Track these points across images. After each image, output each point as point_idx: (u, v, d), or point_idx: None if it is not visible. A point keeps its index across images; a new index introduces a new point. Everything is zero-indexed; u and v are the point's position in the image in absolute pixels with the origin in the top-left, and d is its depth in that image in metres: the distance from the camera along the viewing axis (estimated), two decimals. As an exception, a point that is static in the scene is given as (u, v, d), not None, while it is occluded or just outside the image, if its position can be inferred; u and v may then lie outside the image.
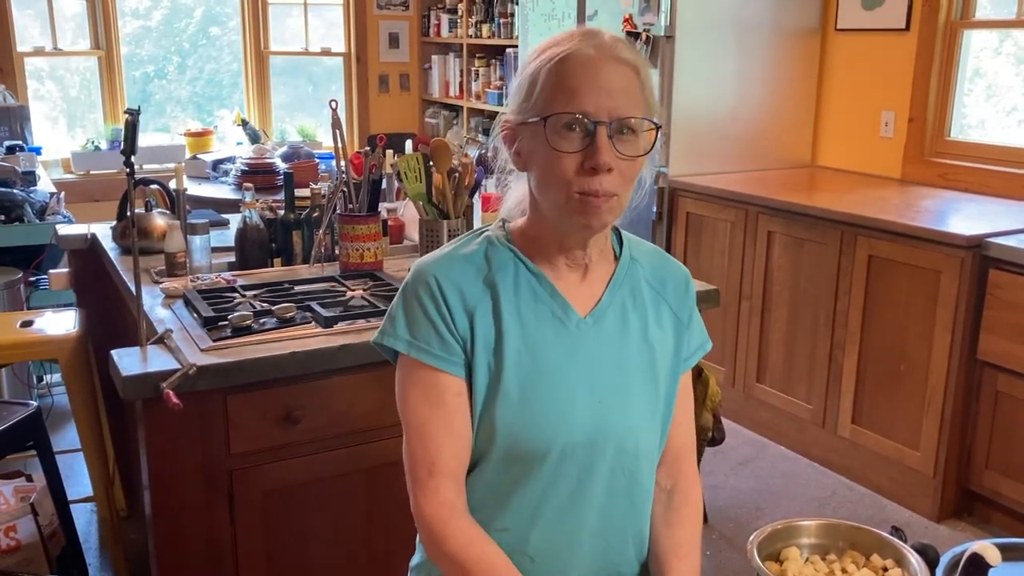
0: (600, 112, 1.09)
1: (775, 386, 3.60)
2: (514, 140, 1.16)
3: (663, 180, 3.92)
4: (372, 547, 1.96)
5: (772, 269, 3.55)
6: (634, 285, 1.22)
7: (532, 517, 1.15)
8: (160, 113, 5.74)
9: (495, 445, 1.12)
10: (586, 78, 1.09)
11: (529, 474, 1.13)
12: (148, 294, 2.11)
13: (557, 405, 1.13)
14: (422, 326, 1.13)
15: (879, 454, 3.21)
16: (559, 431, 1.12)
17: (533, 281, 1.16)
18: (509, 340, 1.12)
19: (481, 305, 1.13)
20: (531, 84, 1.12)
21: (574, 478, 1.14)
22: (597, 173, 1.09)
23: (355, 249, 2.24)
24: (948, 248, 2.90)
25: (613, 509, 1.19)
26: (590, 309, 1.18)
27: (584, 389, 1.14)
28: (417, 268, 1.17)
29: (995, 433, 2.92)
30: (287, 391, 1.81)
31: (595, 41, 1.11)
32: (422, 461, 1.12)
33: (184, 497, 1.77)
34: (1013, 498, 2.88)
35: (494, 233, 1.20)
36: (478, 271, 1.15)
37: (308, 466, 1.88)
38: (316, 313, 1.94)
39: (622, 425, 1.17)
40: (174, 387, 1.64)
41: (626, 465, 1.18)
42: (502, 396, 1.11)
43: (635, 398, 1.18)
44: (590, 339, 1.16)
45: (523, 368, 1.12)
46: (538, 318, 1.14)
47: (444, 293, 1.12)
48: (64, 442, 3.39)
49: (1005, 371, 2.85)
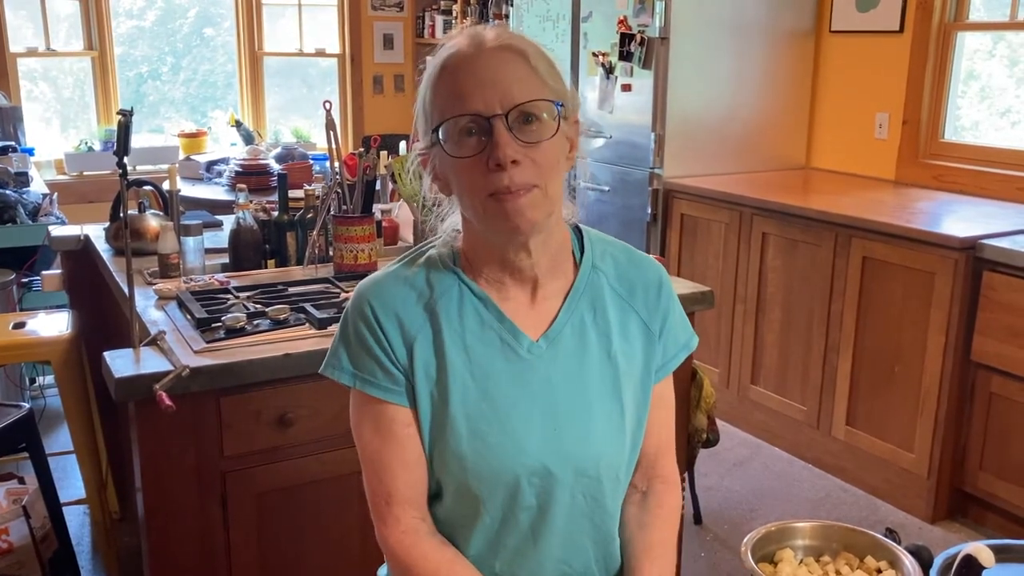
0: (491, 106, 1.02)
1: (769, 387, 3.60)
2: (431, 167, 1.11)
3: (657, 182, 3.92)
4: (366, 550, 1.95)
5: (766, 271, 3.56)
6: (595, 296, 1.14)
7: (493, 547, 1.11)
8: (154, 114, 5.73)
9: (448, 476, 1.09)
10: (469, 76, 1.03)
11: (486, 505, 1.09)
12: (141, 295, 2.10)
13: (509, 436, 1.07)
14: (364, 357, 1.09)
15: (873, 455, 3.21)
16: (512, 463, 1.07)
17: (479, 305, 1.10)
18: (454, 371, 1.07)
19: (421, 335, 1.08)
20: (425, 103, 1.08)
21: (534, 507, 1.10)
22: (503, 169, 1.02)
23: (349, 250, 2.23)
24: (942, 250, 2.90)
25: (576, 534, 1.14)
26: (543, 331, 1.11)
27: (537, 417, 1.09)
28: (357, 292, 1.12)
29: (989, 435, 2.92)
30: (281, 393, 1.80)
31: (475, 40, 1.06)
32: (379, 493, 1.10)
33: (177, 499, 1.77)
34: (1007, 499, 2.89)
35: (438, 252, 1.14)
36: (419, 296, 1.09)
37: (302, 468, 1.87)
38: (310, 315, 1.93)
39: (581, 451, 1.10)
40: (167, 389, 1.64)
41: (588, 489, 1.12)
42: (449, 429, 1.07)
43: (596, 420, 1.12)
44: (543, 364, 1.10)
45: (470, 400, 1.07)
46: (485, 346, 1.09)
47: (380, 322, 1.08)
48: (57, 444, 3.38)
49: (999, 373, 2.85)
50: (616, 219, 4.08)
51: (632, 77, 3.92)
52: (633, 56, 3.88)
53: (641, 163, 3.94)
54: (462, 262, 1.12)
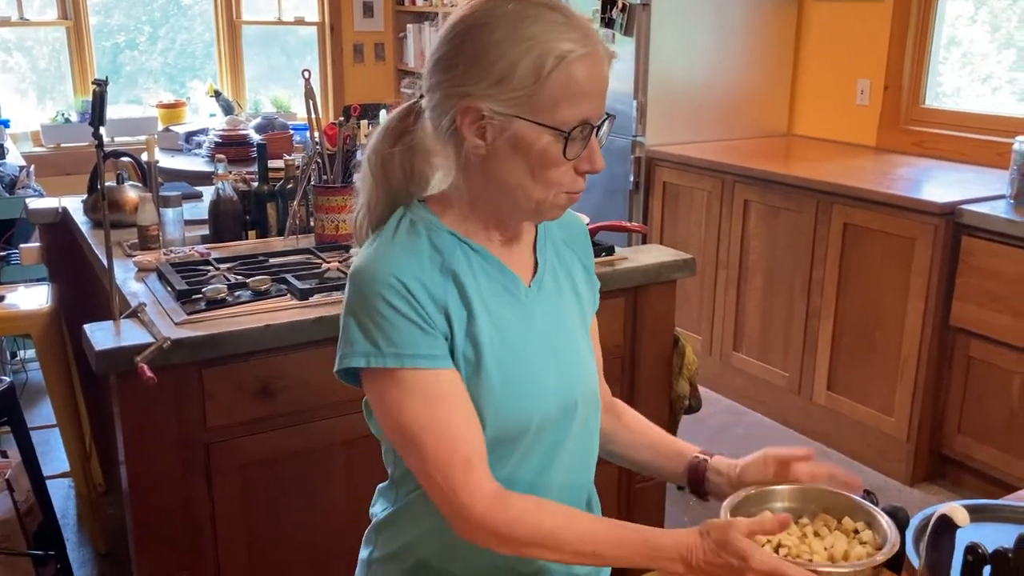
0: (600, 115, 1.06)
1: (751, 354, 3.63)
2: (480, 130, 1.04)
3: (640, 150, 3.91)
4: (353, 520, 1.96)
5: (748, 238, 3.57)
6: (554, 244, 1.22)
7: (509, 486, 1.10)
8: (132, 85, 5.65)
9: (483, 432, 1.08)
10: (595, 82, 1.04)
11: (511, 450, 1.11)
12: (121, 268, 2.09)
13: (533, 380, 1.11)
14: (403, 333, 1.04)
15: (854, 420, 3.25)
16: (539, 404, 1.11)
17: (479, 260, 1.11)
18: (482, 326, 1.08)
19: (450, 297, 1.07)
20: (525, 74, 1.01)
21: (550, 442, 1.14)
22: (589, 173, 1.08)
23: (330, 221, 2.22)
24: (922, 216, 2.92)
25: (579, 461, 1.20)
26: (531, 277, 1.16)
27: (547, 359, 1.13)
28: (367, 274, 1.06)
29: (967, 398, 2.96)
30: (263, 364, 1.80)
31: (594, 36, 1.05)
32: (454, 464, 1.04)
33: (161, 471, 1.77)
34: (984, 461, 2.93)
35: (422, 218, 1.11)
36: (432, 261, 1.08)
37: (286, 439, 1.87)
38: (291, 286, 1.93)
39: (582, 384, 1.17)
40: (148, 361, 1.63)
41: (588, 418, 1.19)
42: (485, 383, 1.08)
43: (584, 355, 1.19)
44: (539, 307, 1.15)
45: (496, 350, 1.09)
46: (495, 296, 1.11)
47: (412, 292, 1.04)
48: (40, 418, 3.37)
49: (977, 337, 2.89)
50: (598, 188, 4.07)
51: (614, 44, 3.90)
52: (615, 23, 3.85)
53: (623, 131, 3.93)
54: (448, 222, 1.12)
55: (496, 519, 1.04)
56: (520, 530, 1.05)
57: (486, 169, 1.07)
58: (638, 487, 2.35)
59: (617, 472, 2.26)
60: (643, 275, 2.23)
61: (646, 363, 2.31)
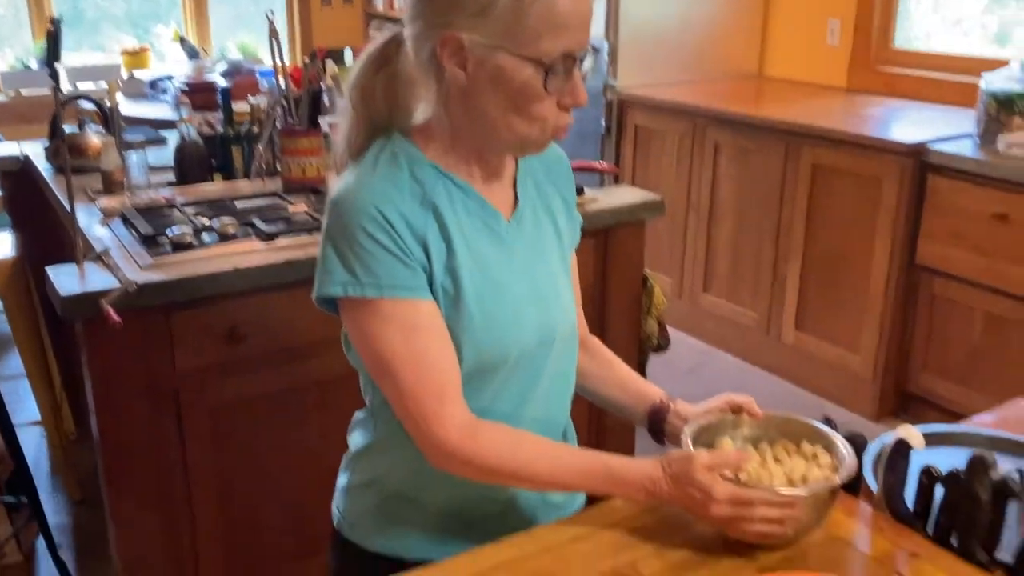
0: (583, 48, 1.04)
1: (721, 295, 3.66)
2: (461, 60, 1.03)
3: (611, 93, 3.89)
4: (326, 461, 1.97)
5: (719, 180, 3.57)
6: (534, 179, 1.21)
7: (484, 417, 1.12)
8: (94, 31, 5.51)
9: (461, 364, 1.09)
10: (578, 13, 1.02)
11: (487, 383, 1.13)
12: (85, 213, 2.06)
13: (513, 315, 1.12)
14: (383, 262, 1.04)
15: (821, 359, 3.30)
16: (518, 339, 1.12)
17: (460, 194, 1.11)
18: (462, 260, 1.09)
19: (429, 230, 1.07)
20: (506, 4, 1.00)
21: (526, 375, 1.16)
22: (573, 107, 1.06)
23: (296, 164, 2.20)
24: (889, 155, 2.94)
25: (555, 394, 1.22)
26: (511, 212, 1.16)
27: (527, 293, 1.14)
28: (347, 203, 1.06)
29: (932, 336, 3.01)
30: (231, 307, 1.80)
31: None
32: (429, 394, 1.05)
33: (131, 417, 1.77)
34: (946, 397, 2.99)
35: (403, 149, 1.10)
36: (412, 193, 1.08)
37: (256, 382, 1.88)
38: (258, 229, 1.91)
39: (561, 319, 1.18)
40: (114, 305, 1.62)
41: (565, 352, 1.21)
42: (464, 315, 1.08)
43: (563, 290, 1.20)
44: (519, 242, 1.15)
45: (476, 283, 1.09)
46: (476, 231, 1.11)
47: (391, 223, 1.04)
48: (8, 368, 3.35)
49: (941, 275, 2.92)
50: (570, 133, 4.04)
51: (584, -15, 3.84)
52: (585, -37, 3.80)
53: (594, 74, 3.90)
54: (429, 155, 1.11)
55: (466, 448, 1.06)
56: (490, 459, 1.07)
57: (467, 102, 1.06)
58: (609, 423, 2.38)
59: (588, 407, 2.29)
60: (613, 216, 2.23)
61: (616, 303, 2.33)
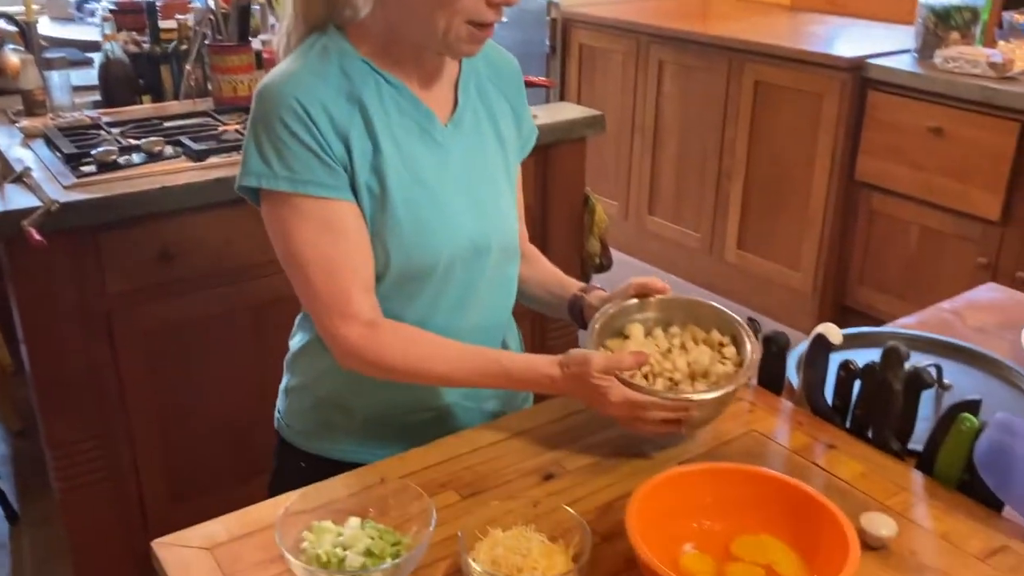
0: None
1: (666, 217, 3.68)
2: None
3: (555, 11, 3.83)
4: (265, 382, 1.97)
5: (663, 100, 3.56)
6: (478, 82, 1.18)
7: (423, 325, 1.14)
8: (15, -50, 5.27)
9: (389, 267, 1.09)
10: None
11: (420, 288, 1.13)
12: (5, 134, 1.99)
13: (444, 219, 1.11)
14: (299, 156, 1.03)
15: (762, 276, 3.35)
16: (450, 243, 1.11)
17: (394, 93, 1.09)
18: (389, 160, 1.07)
19: (353, 126, 1.05)
20: None
21: (463, 283, 1.15)
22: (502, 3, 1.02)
23: (227, 82, 2.14)
24: (830, 71, 2.94)
25: (494, 303, 1.22)
26: (448, 115, 1.14)
27: (461, 199, 1.13)
28: (270, 92, 1.04)
29: (869, 250, 3.07)
30: (161, 227, 1.76)
31: None
32: (335, 294, 1.05)
33: (62, 340, 1.74)
34: (883, 310, 3.06)
35: (336, 44, 1.08)
36: (338, 88, 1.06)
37: (189, 305, 1.85)
38: (187, 147, 1.87)
39: (500, 227, 1.17)
40: (37, 225, 1.57)
41: (504, 261, 1.20)
42: (390, 218, 1.07)
43: (503, 197, 1.19)
44: (456, 146, 1.14)
45: (404, 186, 1.08)
46: (407, 133, 1.09)
47: (311, 116, 1.03)
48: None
49: (879, 190, 2.96)
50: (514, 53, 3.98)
51: (525, -101, 3.75)
52: None
53: (538, -8, 3.83)
54: (364, 51, 1.09)
55: (366, 347, 1.07)
56: (388, 358, 1.08)
57: None
58: (551, 344, 2.40)
59: (530, 326, 2.30)
60: (553, 133, 2.22)
61: (557, 221, 2.32)
